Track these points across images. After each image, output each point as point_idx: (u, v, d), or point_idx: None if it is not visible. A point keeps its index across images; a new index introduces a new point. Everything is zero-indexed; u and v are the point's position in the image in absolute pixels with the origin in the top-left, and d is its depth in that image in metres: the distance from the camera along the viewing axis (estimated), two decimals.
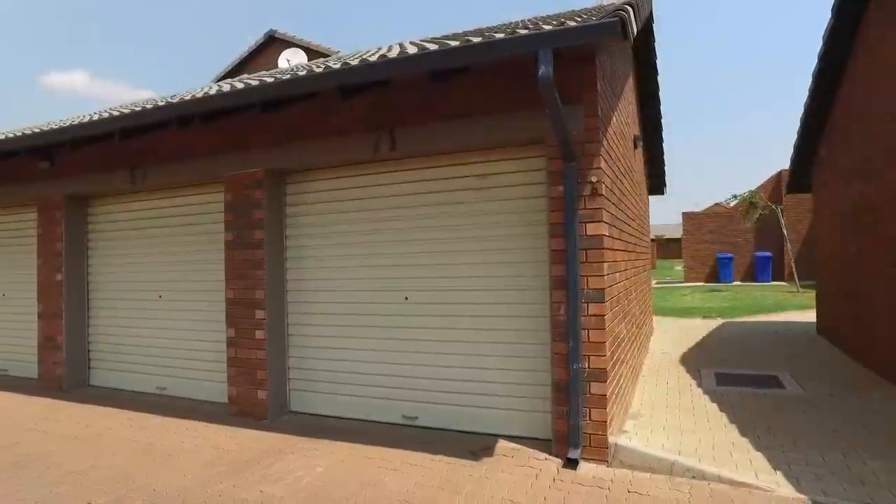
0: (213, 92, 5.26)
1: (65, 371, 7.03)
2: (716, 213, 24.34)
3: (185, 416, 5.74)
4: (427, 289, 5.08)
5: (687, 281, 23.88)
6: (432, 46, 4.23)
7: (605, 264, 4.29)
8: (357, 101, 4.96)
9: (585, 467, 4.10)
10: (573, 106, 4.15)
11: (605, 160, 4.42)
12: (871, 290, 7.03)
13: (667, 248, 53.72)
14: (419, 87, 4.67)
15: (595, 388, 4.20)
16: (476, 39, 3.95)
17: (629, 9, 3.74)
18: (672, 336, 10.29)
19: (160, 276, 6.66)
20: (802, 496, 3.59)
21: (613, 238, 4.73)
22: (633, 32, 3.70)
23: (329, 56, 15.35)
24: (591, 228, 4.24)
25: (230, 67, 17.54)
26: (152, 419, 5.72)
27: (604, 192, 4.30)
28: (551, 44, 3.50)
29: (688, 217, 24.45)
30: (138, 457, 4.68)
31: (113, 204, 7.10)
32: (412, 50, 4.45)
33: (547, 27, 3.86)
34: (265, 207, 5.50)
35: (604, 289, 4.24)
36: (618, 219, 5.06)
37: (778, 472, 3.96)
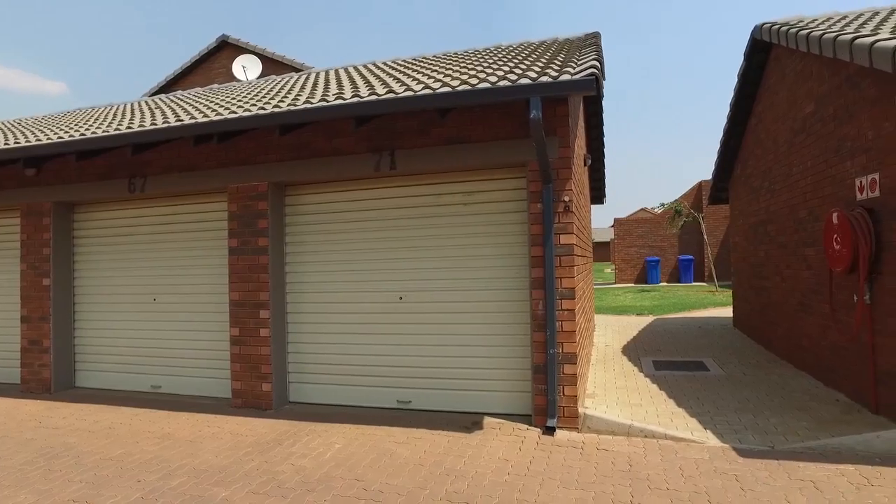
0: (225, 114, 5.82)
1: (52, 373, 7.28)
2: (644, 220, 26.29)
3: (189, 410, 6.24)
4: (419, 289, 5.88)
5: (618, 282, 25.66)
6: (416, 78, 5.05)
7: (575, 268, 5.25)
8: (361, 126, 5.69)
9: (561, 434, 5.04)
10: (550, 138, 5.09)
11: (573, 182, 5.39)
12: (773, 289, 8.41)
13: (595, 251, 56.51)
14: (420, 116, 5.48)
15: (567, 369, 5.14)
16: (475, 81, 4.82)
17: (598, 65, 4.72)
18: (612, 331, 11.52)
19: (155, 279, 7.08)
20: (726, 445, 4.68)
21: (577, 245, 5.71)
22: (602, 88, 4.66)
23: (296, 67, 15.73)
24: (564, 238, 5.20)
25: (179, 70, 17.52)
26: (157, 413, 6.19)
27: (573, 209, 5.27)
28: (541, 93, 4.43)
29: (619, 223, 26.27)
30: (163, 444, 5.19)
31: (103, 210, 7.43)
32: (388, 78, 5.25)
33: (533, 74, 4.78)
34: (269, 217, 6.12)
35: (574, 288, 5.20)
36: (578, 228, 6.05)
37: (707, 430, 5.03)
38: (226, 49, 17.14)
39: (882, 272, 5.20)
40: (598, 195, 12.55)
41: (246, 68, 16.41)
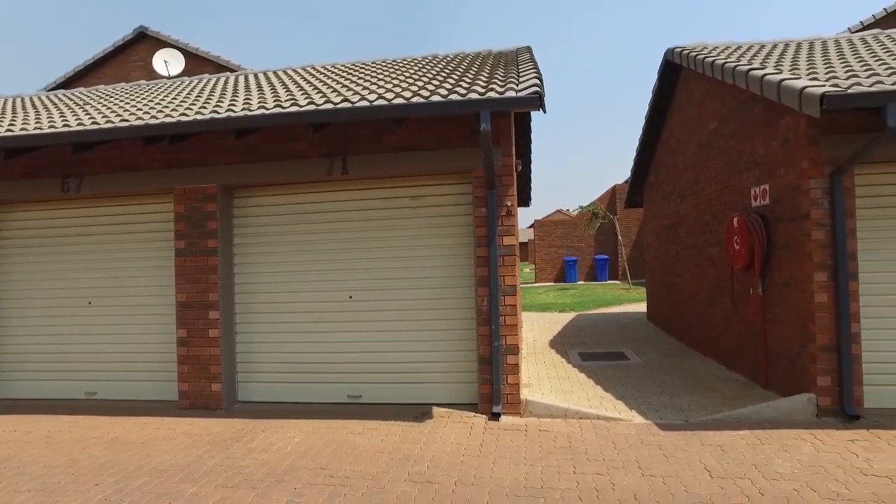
0: (179, 117, 5.84)
1: None
2: (562, 221, 27.60)
3: (133, 414, 6.16)
4: (369, 288, 6.17)
5: (538, 281, 26.80)
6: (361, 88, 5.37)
7: (516, 267, 5.74)
8: (313, 131, 5.90)
9: (506, 419, 5.51)
10: (495, 147, 5.54)
11: (514, 188, 5.88)
12: (683, 285, 9.36)
13: None
14: (373, 124, 5.78)
15: (510, 359, 5.62)
16: (426, 93, 5.19)
17: (539, 82, 5.23)
18: (538, 327, 12.24)
19: (91, 282, 6.91)
20: (649, 421, 5.32)
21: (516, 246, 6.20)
22: (545, 104, 5.17)
23: (223, 65, 15.39)
24: (507, 240, 5.67)
25: (91, 61, 16.63)
26: (99, 419, 6.07)
27: (514, 213, 5.76)
28: (490, 107, 4.88)
29: (539, 224, 27.43)
30: (114, 448, 5.16)
31: (32, 210, 7.15)
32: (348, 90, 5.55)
33: (480, 88, 5.21)
34: (219, 219, 6.20)
35: (516, 285, 5.69)
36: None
37: (633, 411, 5.68)
38: (145, 41, 16.45)
39: (772, 268, 6.07)
40: (524, 198, 13.26)
41: (168, 63, 15.83)
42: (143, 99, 7.38)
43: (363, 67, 8.17)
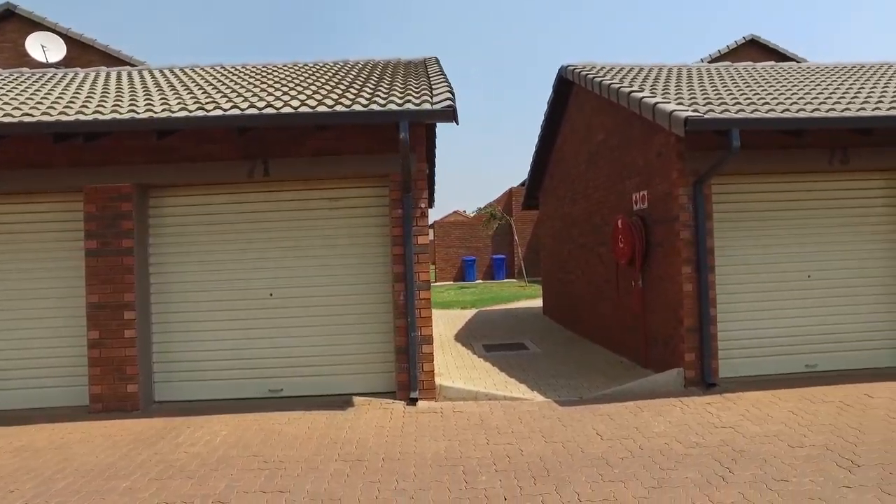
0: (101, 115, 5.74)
1: None
2: (461, 222, 28.60)
3: (37, 421, 5.87)
4: (289, 286, 6.42)
5: (439, 281, 27.59)
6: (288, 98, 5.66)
7: (429, 264, 6.25)
8: (235, 133, 6.05)
9: (423, 403, 6.00)
10: (411, 153, 6.01)
11: (428, 191, 6.39)
12: (575, 281, 10.35)
13: None
14: (295, 128, 6.03)
15: (425, 348, 6.12)
16: (347, 102, 5.56)
17: (451, 95, 5.77)
18: (442, 322, 12.86)
19: None
20: (549, 399, 6.04)
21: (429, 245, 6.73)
22: (458, 116, 5.70)
23: (111, 54, 14.57)
24: (421, 239, 6.17)
25: None
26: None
27: (427, 215, 6.27)
28: (409, 118, 5.36)
29: (438, 225, 28.24)
30: (22, 455, 4.94)
31: None
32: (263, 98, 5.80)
33: (397, 99, 5.66)
34: (134, 218, 6.16)
35: (429, 280, 6.20)
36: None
37: (535, 392, 6.38)
38: (13, 21, 15.04)
39: (650, 264, 7.04)
40: (430, 200, 13.85)
41: (47, 49, 14.69)
42: (39, 91, 7.06)
43: (276, 70, 8.32)
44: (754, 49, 16.40)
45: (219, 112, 5.47)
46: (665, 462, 4.31)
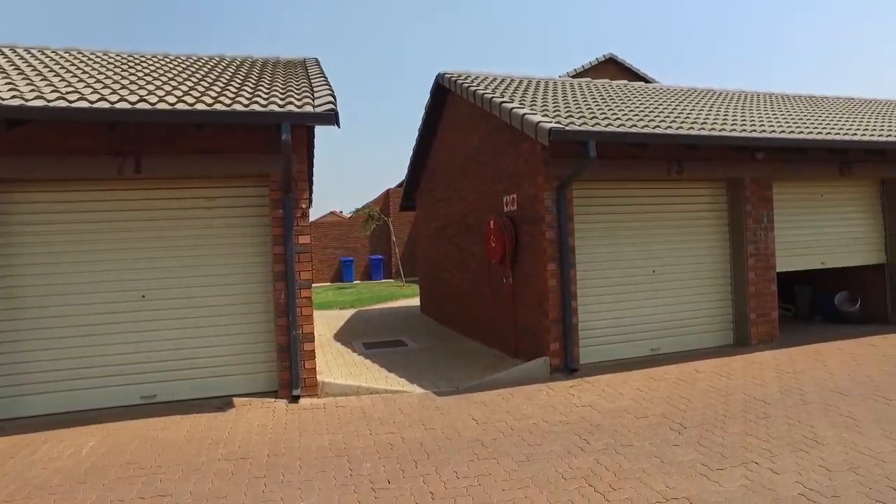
0: None
1: None
2: (338, 223, 28.36)
3: None
4: (164, 287, 6.16)
5: (316, 282, 27.17)
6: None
7: (310, 263, 6.31)
8: (103, 128, 5.67)
9: (305, 400, 6.06)
10: (292, 154, 6.04)
11: (308, 192, 6.44)
12: (451, 279, 10.84)
13: None
14: (171, 125, 5.79)
15: (307, 346, 6.19)
16: (226, 101, 5.48)
17: (333, 98, 5.89)
18: (321, 323, 12.79)
19: None
20: (427, 391, 6.38)
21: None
22: (339, 119, 5.82)
23: None
24: (302, 239, 6.23)
25: None
26: None
27: (308, 215, 6.33)
28: (291, 120, 5.40)
29: (315, 225, 27.76)
30: None
31: None
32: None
33: (278, 100, 5.68)
34: None
35: (310, 279, 6.27)
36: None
37: (414, 384, 6.69)
38: None
39: (519, 262, 7.63)
40: (309, 200, 13.70)
41: None
42: None
43: (144, 61, 7.88)
44: (612, 67, 18.11)
45: (84, 104, 5.13)
46: (532, 439, 4.79)
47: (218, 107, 5.39)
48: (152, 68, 7.29)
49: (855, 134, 8.22)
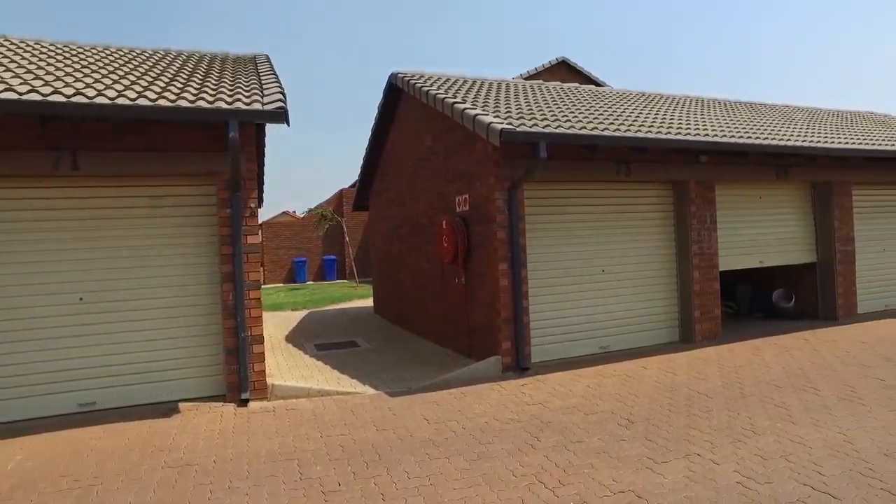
0: None
1: None
2: (290, 223, 27.87)
3: None
4: (104, 289, 5.89)
5: (268, 282, 26.60)
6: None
7: (259, 264, 6.18)
8: (36, 121, 5.39)
9: (255, 403, 5.92)
10: (240, 153, 5.89)
11: (257, 191, 6.31)
12: (404, 279, 10.81)
13: None
14: (112, 120, 5.54)
15: (256, 348, 6.05)
16: (171, 96, 5.30)
17: (283, 97, 5.77)
18: (272, 324, 12.54)
19: None
20: (380, 392, 6.34)
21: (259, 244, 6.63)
22: (289, 118, 5.71)
23: None
24: (251, 239, 6.09)
25: None
26: None
27: (257, 214, 6.19)
28: (239, 118, 5.27)
29: (267, 225, 27.21)
30: None
31: None
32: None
33: (226, 97, 5.53)
34: None
35: (259, 280, 6.13)
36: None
37: (366, 385, 6.63)
38: None
39: (471, 261, 7.67)
40: (259, 199, 13.41)
41: None
42: None
43: (81, 52, 7.53)
44: (564, 70, 18.45)
45: (11, 95, 4.86)
46: (484, 438, 4.83)
47: (162, 103, 5.21)
48: (91, 60, 6.98)
49: (790, 140, 8.63)
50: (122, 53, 7.84)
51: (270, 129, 6.32)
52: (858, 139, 9.85)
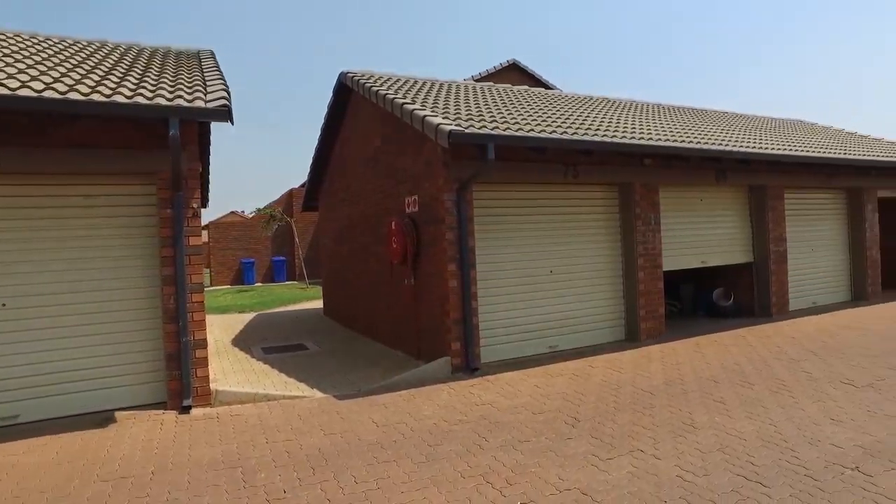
0: None
1: None
2: (238, 223, 27.16)
3: None
4: (29, 294, 5.56)
5: (215, 284, 25.83)
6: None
7: (202, 265, 5.98)
8: None
9: (197, 410, 5.72)
10: (181, 151, 5.68)
11: (200, 191, 6.10)
12: (353, 280, 10.70)
13: None
14: (38, 115, 5.24)
15: (199, 353, 5.85)
16: (106, 91, 5.06)
17: (227, 94, 5.60)
18: (219, 328, 12.18)
19: None
20: (328, 395, 6.25)
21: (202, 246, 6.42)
22: (233, 116, 5.54)
23: None
24: (194, 240, 5.88)
25: None
26: None
27: (200, 215, 5.99)
28: (179, 115, 5.08)
29: (214, 226, 26.43)
30: None
31: None
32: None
33: (166, 93, 5.32)
34: None
35: (202, 283, 5.94)
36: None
37: (314, 389, 6.52)
38: None
39: (421, 262, 7.65)
40: (203, 199, 12.97)
41: None
42: None
43: (6, 40, 7.10)
44: (515, 72, 18.66)
45: None
46: (432, 439, 4.81)
47: (95, 97, 4.96)
48: (15, 49, 6.59)
49: (728, 145, 8.99)
50: (52, 43, 7.45)
51: (217, 124, 6.08)
52: (790, 146, 10.37)
